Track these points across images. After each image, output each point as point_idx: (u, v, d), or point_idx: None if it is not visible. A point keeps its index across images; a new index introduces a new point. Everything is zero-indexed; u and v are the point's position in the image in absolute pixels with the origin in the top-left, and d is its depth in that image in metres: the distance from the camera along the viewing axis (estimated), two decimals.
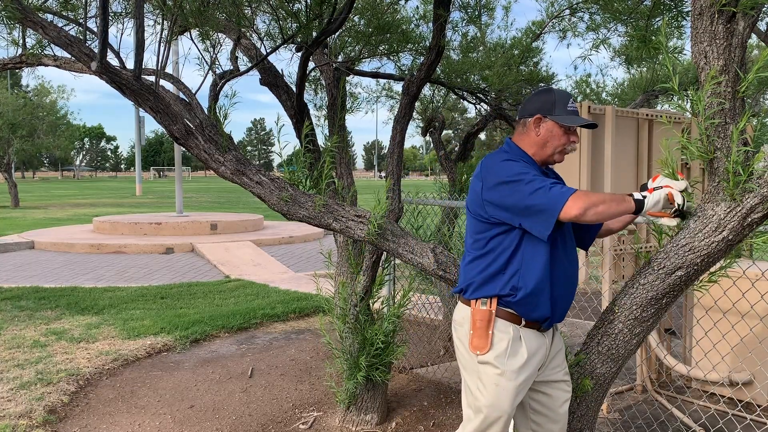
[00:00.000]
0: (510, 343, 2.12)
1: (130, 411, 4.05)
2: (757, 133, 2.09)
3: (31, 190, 39.50)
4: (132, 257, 11.12)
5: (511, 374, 2.12)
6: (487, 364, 2.13)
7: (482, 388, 2.15)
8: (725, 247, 2.03)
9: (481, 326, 2.13)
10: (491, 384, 2.13)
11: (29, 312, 6.53)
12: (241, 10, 3.22)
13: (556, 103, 2.16)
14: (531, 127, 2.18)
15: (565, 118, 2.15)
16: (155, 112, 2.61)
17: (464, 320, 2.20)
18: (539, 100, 2.20)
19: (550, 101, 2.17)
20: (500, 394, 2.12)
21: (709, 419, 3.61)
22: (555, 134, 2.17)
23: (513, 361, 2.12)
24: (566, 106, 2.16)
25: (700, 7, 1.99)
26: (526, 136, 2.20)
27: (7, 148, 24.76)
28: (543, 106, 2.18)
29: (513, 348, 2.12)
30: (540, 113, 2.17)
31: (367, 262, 3.66)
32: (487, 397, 2.13)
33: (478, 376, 2.16)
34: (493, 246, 2.13)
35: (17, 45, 3.48)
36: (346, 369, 3.70)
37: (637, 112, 4.10)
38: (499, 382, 2.12)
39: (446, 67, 5.16)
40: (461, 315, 2.23)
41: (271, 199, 2.70)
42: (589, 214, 1.95)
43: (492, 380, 2.12)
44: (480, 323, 2.13)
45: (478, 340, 2.13)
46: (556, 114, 2.16)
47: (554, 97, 2.18)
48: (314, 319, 6.49)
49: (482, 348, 2.12)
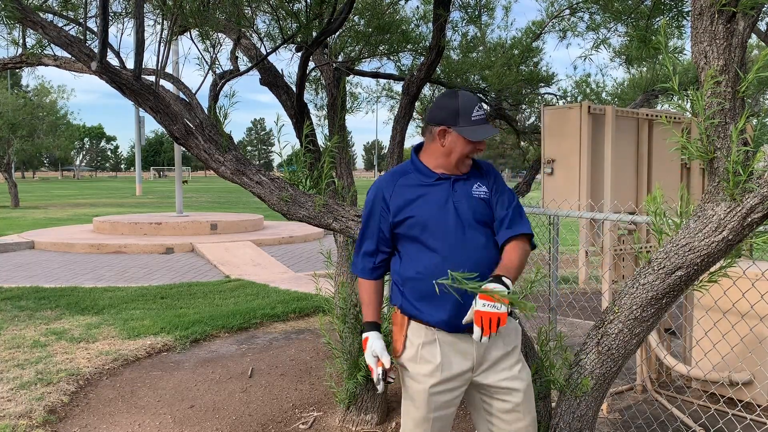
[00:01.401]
0: (421, 347, 2.14)
1: (130, 411, 4.05)
2: (757, 133, 2.09)
3: (31, 190, 39.50)
4: (132, 257, 11.12)
5: (422, 378, 2.13)
6: (401, 365, 2.21)
7: (403, 388, 2.23)
8: (725, 247, 2.03)
9: (396, 330, 2.22)
10: (406, 385, 2.20)
11: (29, 312, 6.53)
12: (241, 10, 3.23)
13: (460, 112, 2.13)
14: (436, 138, 2.17)
15: (468, 131, 2.12)
16: (155, 112, 2.61)
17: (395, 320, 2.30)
18: (444, 108, 2.16)
19: (454, 111, 2.13)
20: (413, 395, 2.16)
21: (709, 419, 3.61)
22: (459, 144, 2.14)
23: (424, 365, 2.13)
24: (471, 116, 2.13)
25: (700, 7, 1.99)
26: (432, 144, 2.20)
27: (7, 148, 24.77)
28: (447, 116, 2.14)
29: (424, 351, 2.14)
30: (444, 124, 2.14)
31: None
32: (405, 397, 2.21)
33: (401, 376, 2.24)
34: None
35: (17, 45, 3.48)
36: (346, 369, 3.70)
37: (637, 112, 4.10)
38: (411, 384, 2.17)
39: (446, 67, 5.16)
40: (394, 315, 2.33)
41: (271, 199, 2.70)
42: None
43: (406, 382, 2.20)
44: (396, 327, 2.23)
45: (395, 343, 2.22)
46: (459, 125, 2.13)
47: (458, 105, 2.13)
48: (314, 319, 6.49)
49: (397, 351, 2.20)
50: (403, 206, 2.16)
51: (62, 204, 26.31)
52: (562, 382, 2.42)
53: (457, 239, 2.14)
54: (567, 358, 2.49)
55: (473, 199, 2.18)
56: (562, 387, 2.42)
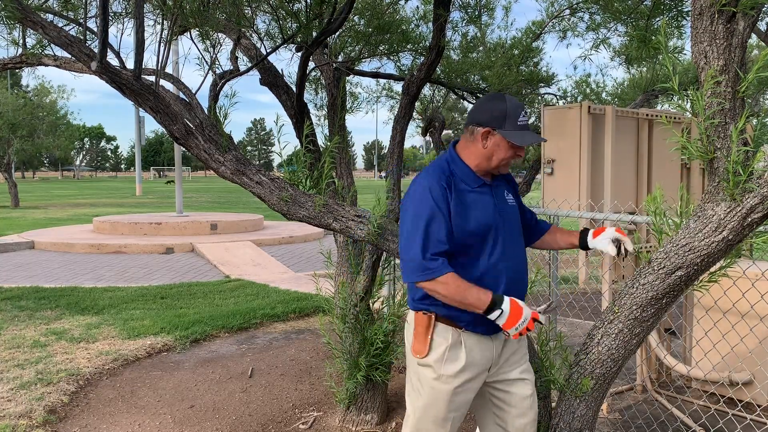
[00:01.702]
0: (448, 349, 2.14)
1: (130, 411, 4.05)
2: (757, 133, 2.09)
3: (31, 190, 39.50)
4: (132, 257, 11.12)
5: (448, 378, 2.14)
6: (425, 366, 2.17)
7: (420, 389, 2.20)
8: (725, 247, 2.03)
9: (421, 332, 2.17)
10: (428, 386, 2.17)
11: (29, 312, 6.53)
12: (241, 10, 3.23)
13: (507, 116, 2.11)
14: (479, 138, 2.14)
15: (514, 135, 2.11)
16: (155, 112, 2.61)
17: (411, 322, 2.24)
18: (490, 109, 2.13)
19: (502, 114, 2.11)
20: (436, 396, 2.16)
21: (709, 419, 3.61)
22: (502, 148, 2.14)
23: (450, 366, 2.14)
24: (517, 120, 2.12)
25: (700, 7, 1.99)
26: (473, 145, 2.17)
27: (7, 148, 24.76)
28: (493, 118, 2.12)
29: (451, 353, 2.14)
30: (490, 126, 2.12)
31: (367, 262, 3.66)
32: (423, 398, 2.18)
33: (418, 377, 2.20)
34: None
35: (17, 45, 3.48)
36: (346, 369, 3.70)
37: (637, 112, 4.10)
38: (435, 385, 2.15)
39: (446, 67, 5.16)
40: (410, 316, 2.26)
41: (271, 199, 2.70)
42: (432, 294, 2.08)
43: (428, 383, 2.16)
44: (420, 328, 2.17)
45: (418, 345, 2.17)
46: (506, 128, 2.11)
47: (506, 108, 2.11)
48: (314, 319, 6.48)
49: (421, 352, 2.16)
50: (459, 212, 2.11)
51: (62, 204, 26.31)
52: (562, 382, 2.42)
53: (508, 246, 2.19)
54: (567, 358, 2.50)
55: (509, 206, 2.27)
56: (562, 387, 2.42)
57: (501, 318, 2.03)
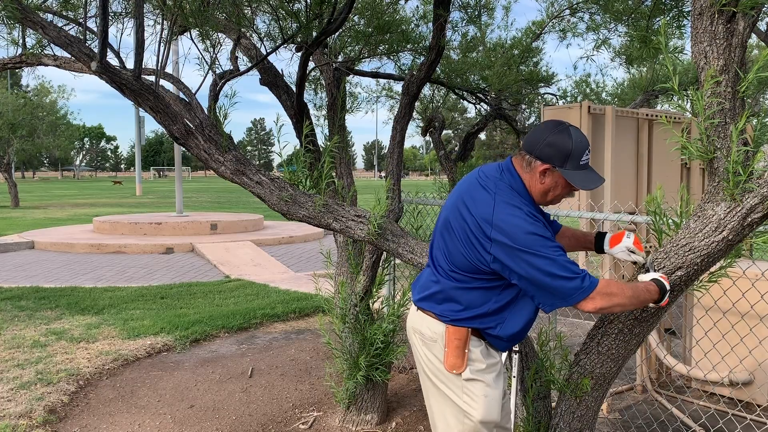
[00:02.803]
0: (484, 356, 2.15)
1: (130, 411, 4.05)
2: (757, 133, 2.09)
3: (31, 190, 39.50)
4: (132, 257, 11.12)
5: (495, 382, 2.16)
6: (473, 380, 2.14)
7: (471, 403, 2.14)
8: (725, 247, 2.03)
9: (459, 345, 2.11)
10: (481, 397, 2.13)
11: (29, 312, 6.53)
12: (241, 10, 3.23)
13: (571, 156, 2.00)
14: (537, 173, 2.04)
15: (576, 177, 2.02)
16: (155, 112, 2.61)
17: (437, 337, 2.15)
18: (555, 146, 2.00)
19: (566, 153, 2.00)
20: (490, 403, 2.14)
21: (709, 419, 3.61)
22: (559, 185, 2.05)
23: (491, 370, 2.16)
24: (580, 160, 2.01)
25: (700, 7, 1.99)
26: (530, 177, 2.06)
27: (7, 148, 24.76)
28: (556, 156, 2.00)
29: (487, 359, 2.16)
30: (551, 163, 2.01)
31: (367, 262, 3.66)
32: (479, 411, 2.13)
33: (465, 392, 2.14)
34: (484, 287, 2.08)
35: (17, 45, 3.48)
36: (346, 369, 3.70)
37: (637, 112, 4.10)
38: (488, 393, 2.14)
39: (446, 67, 5.16)
40: (432, 331, 2.16)
41: (271, 199, 2.70)
42: (604, 313, 2.03)
43: (482, 393, 2.13)
44: (458, 342, 2.12)
45: (455, 359, 2.11)
46: (567, 168, 2.01)
47: (571, 148, 2.00)
48: (314, 319, 6.48)
49: (459, 367, 2.11)
50: None
51: (62, 204, 26.31)
52: (562, 382, 2.42)
53: None
54: (567, 358, 2.49)
55: None
56: (562, 387, 2.41)
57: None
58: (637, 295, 1.98)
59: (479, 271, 2.05)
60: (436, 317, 2.15)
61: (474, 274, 2.07)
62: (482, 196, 2.05)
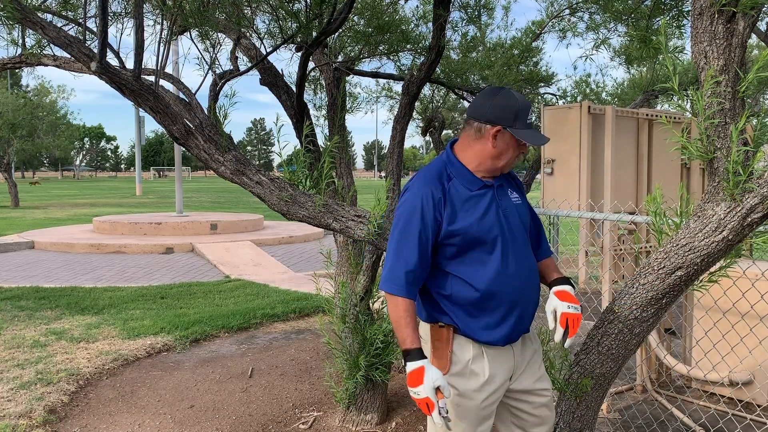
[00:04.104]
0: (469, 363, 2.05)
1: (130, 411, 4.05)
2: (757, 133, 2.09)
3: (31, 190, 39.49)
4: (132, 257, 11.12)
5: (472, 394, 2.04)
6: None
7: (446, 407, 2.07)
8: (725, 247, 2.03)
9: (440, 346, 2.05)
10: (452, 404, 2.03)
11: (29, 312, 6.53)
12: (241, 10, 3.23)
13: (519, 114, 1.99)
14: (488, 137, 2.01)
15: (527, 135, 2.00)
16: (155, 112, 2.61)
17: (426, 336, 2.10)
18: (500, 107, 2.00)
19: (514, 112, 1.99)
20: (460, 413, 2.04)
21: (709, 419, 3.61)
22: (511, 147, 2.03)
23: (473, 381, 2.04)
24: (527, 118, 2.01)
25: (700, 7, 1.99)
26: (478, 143, 2.04)
27: (7, 148, 24.77)
28: (504, 116, 1.99)
29: (473, 367, 2.05)
30: (500, 124, 1.99)
31: (367, 262, 3.66)
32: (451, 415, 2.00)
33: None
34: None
35: (17, 45, 3.48)
36: (345, 369, 3.70)
37: (637, 112, 4.10)
38: (460, 402, 2.04)
39: (446, 67, 5.16)
40: (422, 329, 2.12)
41: (271, 199, 2.70)
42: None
43: (452, 399, 2.03)
44: (438, 343, 2.06)
45: (437, 361, 2.04)
46: (517, 127, 2.00)
47: (518, 107, 2.00)
48: (314, 319, 6.48)
49: (442, 368, 2.01)
50: (455, 217, 1.99)
51: (62, 204, 26.31)
52: (562, 382, 2.42)
53: (513, 251, 2.06)
54: (567, 358, 2.49)
55: (514, 207, 2.12)
56: (562, 387, 2.41)
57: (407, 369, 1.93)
58: (399, 327, 1.97)
59: None
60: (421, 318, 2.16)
61: None
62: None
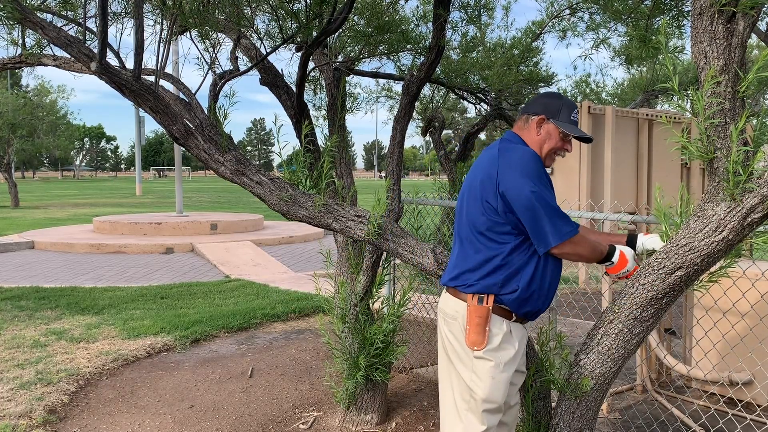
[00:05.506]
0: (503, 338, 2.24)
1: (130, 411, 4.05)
2: (757, 133, 2.09)
3: (31, 190, 39.49)
4: (132, 257, 11.12)
5: (505, 366, 2.23)
6: (482, 359, 2.23)
7: (477, 381, 2.24)
8: (725, 247, 2.03)
9: (480, 323, 2.22)
10: (487, 377, 2.22)
11: (29, 312, 6.53)
12: (241, 10, 3.23)
13: (562, 109, 2.29)
14: (533, 126, 2.29)
15: (567, 126, 2.27)
16: (155, 113, 2.61)
17: (458, 315, 2.28)
18: (547, 102, 2.31)
19: (557, 106, 2.29)
20: (495, 386, 2.22)
21: (709, 419, 3.61)
22: (553, 137, 2.29)
23: (505, 353, 2.24)
24: (570, 115, 2.29)
25: (700, 7, 1.99)
26: (527, 132, 2.31)
27: (7, 148, 24.76)
28: (548, 109, 2.29)
29: (505, 342, 2.24)
30: (545, 114, 2.28)
31: (367, 262, 3.66)
32: (483, 390, 2.23)
33: (473, 370, 2.25)
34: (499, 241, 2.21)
35: (17, 45, 3.48)
36: (345, 369, 3.70)
37: (637, 112, 4.10)
38: (495, 374, 2.22)
39: (446, 67, 5.16)
40: (453, 309, 2.30)
41: (271, 199, 2.70)
42: (570, 257, 2.23)
43: (488, 373, 2.22)
44: (478, 320, 2.22)
45: (476, 336, 2.23)
46: (559, 119, 2.28)
47: (562, 103, 2.30)
48: (314, 319, 6.48)
49: (479, 344, 2.22)
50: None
51: (62, 204, 26.30)
52: (562, 382, 2.42)
53: None
54: (567, 358, 2.49)
55: None
56: (562, 387, 2.41)
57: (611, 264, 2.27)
58: (594, 251, 2.24)
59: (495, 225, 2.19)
60: (457, 293, 2.29)
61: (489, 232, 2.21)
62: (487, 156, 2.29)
